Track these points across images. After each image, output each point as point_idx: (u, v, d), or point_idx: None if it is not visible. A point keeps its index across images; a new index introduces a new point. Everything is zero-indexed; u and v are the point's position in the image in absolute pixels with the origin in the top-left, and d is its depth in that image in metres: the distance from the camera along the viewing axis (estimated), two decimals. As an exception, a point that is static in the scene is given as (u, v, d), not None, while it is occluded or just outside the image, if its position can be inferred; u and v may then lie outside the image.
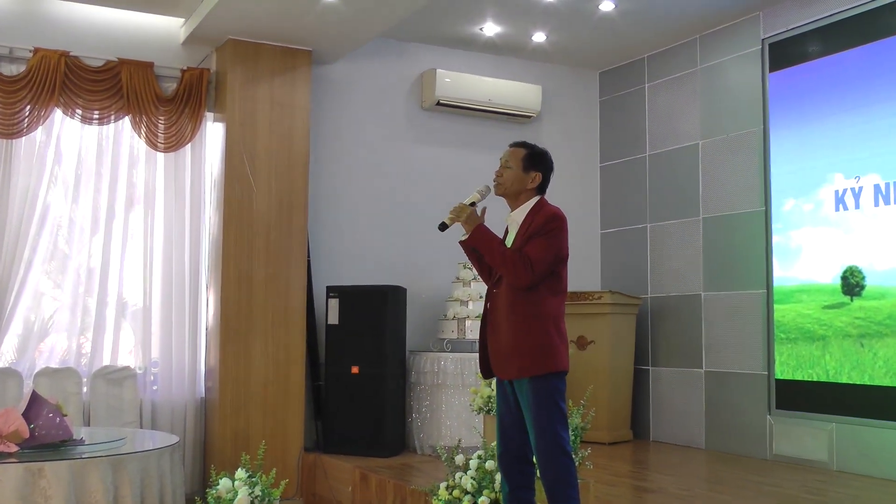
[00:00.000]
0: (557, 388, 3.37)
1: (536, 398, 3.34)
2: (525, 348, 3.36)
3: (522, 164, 3.52)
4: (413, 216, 6.77)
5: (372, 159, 6.72)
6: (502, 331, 3.42)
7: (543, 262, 3.36)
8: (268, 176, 5.94)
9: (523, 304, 3.38)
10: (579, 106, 7.54)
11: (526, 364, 3.35)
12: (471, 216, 3.47)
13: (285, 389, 5.86)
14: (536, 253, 3.36)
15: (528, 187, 3.52)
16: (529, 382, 3.35)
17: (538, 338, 3.36)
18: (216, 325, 5.84)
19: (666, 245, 6.89)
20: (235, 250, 5.83)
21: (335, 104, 6.60)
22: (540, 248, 3.37)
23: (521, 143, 3.60)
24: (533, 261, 3.34)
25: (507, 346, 3.40)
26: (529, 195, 3.53)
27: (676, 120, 6.87)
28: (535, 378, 3.34)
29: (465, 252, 3.64)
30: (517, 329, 3.38)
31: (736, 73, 6.41)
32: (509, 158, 3.54)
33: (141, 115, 5.82)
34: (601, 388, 6.30)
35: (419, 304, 6.60)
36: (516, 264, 3.36)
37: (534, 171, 3.53)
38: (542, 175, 3.54)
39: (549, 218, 3.42)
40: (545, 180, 3.56)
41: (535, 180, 3.53)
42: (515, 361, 3.37)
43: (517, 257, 3.36)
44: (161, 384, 5.84)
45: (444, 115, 6.95)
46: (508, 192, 3.53)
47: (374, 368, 5.93)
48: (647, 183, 7.12)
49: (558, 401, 3.36)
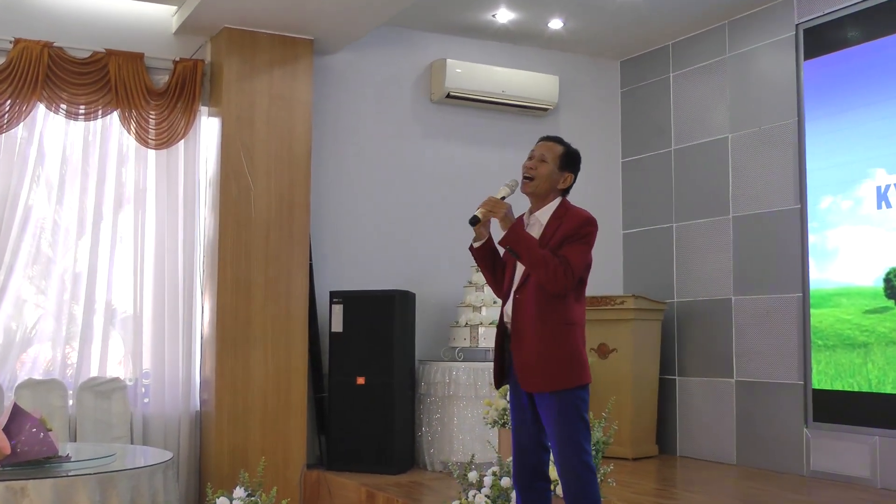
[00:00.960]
0: (583, 399, 3.40)
1: (562, 411, 3.35)
2: (555, 359, 3.37)
3: (559, 161, 3.53)
4: (422, 216, 6.78)
5: (378, 156, 6.72)
6: (528, 340, 3.42)
7: (580, 267, 3.40)
8: (267, 174, 5.95)
9: (552, 311, 3.40)
10: (599, 97, 7.54)
11: (555, 376, 3.36)
12: (508, 212, 3.46)
13: (286, 402, 5.87)
14: (575, 258, 3.38)
15: (559, 187, 3.54)
16: (554, 395, 3.36)
17: (568, 347, 3.39)
18: (212, 333, 5.84)
19: (693, 246, 6.87)
20: (232, 253, 5.84)
21: (338, 97, 6.60)
22: (577, 253, 3.39)
23: (557, 139, 3.60)
24: (572, 266, 3.37)
25: (535, 356, 3.40)
26: (555, 195, 3.55)
27: (704, 112, 6.86)
28: (561, 391, 3.36)
29: (474, 258, 3.64)
30: (546, 338, 3.39)
31: (768, 60, 6.39)
32: (545, 153, 3.54)
33: (130, 109, 5.81)
34: (624, 400, 6.30)
35: (429, 311, 6.62)
36: (557, 268, 3.36)
37: (568, 171, 3.55)
38: (573, 178, 3.58)
39: (585, 222, 3.45)
40: (573, 182, 3.60)
41: (566, 182, 3.55)
42: (544, 373, 3.38)
43: (558, 261, 3.37)
44: (153, 396, 5.83)
45: (455, 108, 6.95)
46: (539, 189, 3.53)
47: (380, 379, 5.94)
48: (673, 179, 7.10)
49: (583, 413, 3.39)
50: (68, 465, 4.08)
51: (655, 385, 6.71)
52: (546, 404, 3.39)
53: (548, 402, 3.38)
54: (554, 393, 3.36)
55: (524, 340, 3.43)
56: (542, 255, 3.37)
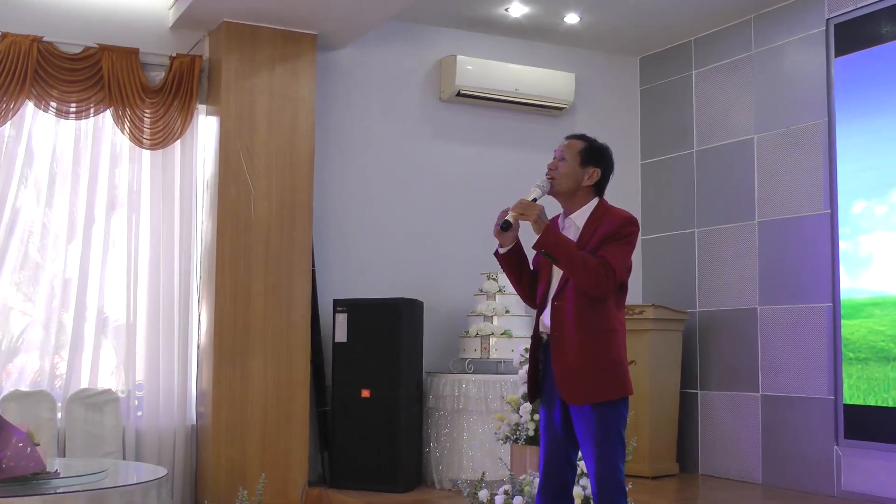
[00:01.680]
0: (622, 414, 3.40)
1: (602, 426, 3.34)
2: (598, 369, 3.37)
3: (579, 157, 3.53)
4: (430, 220, 6.76)
5: (384, 157, 6.72)
6: (570, 349, 3.39)
7: (622, 269, 3.39)
8: (267, 176, 5.96)
9: (594, 317, 3.39)
10: (617, 96, 7.53)
11: (598, 387, 3.35)
12: (541, 214, 3.44)
13: (287, 415, 5.87)
14: (617, 259, 3.36)
15: (585, 184, 3.53)
16: (595, 408, 3.35)
17: (610, 356, 3.39)
18: (209, 343, 5.84)
19: (716, 252, 6.86)
20: (231, 259, 5.83)
21: (343, 95, 6.60)
22: (620, 254, 3.38)
23: (580, 136, 3.62)
24: (613, 268, 3.34)
25: (578, 366, 3.37)
26: (587, 195, 3.54)
27: (728, 111, 6.84)
28: (603, 404, 3.35)
29: (500, 264, 3.62)
30: (588, 346, 3.38)
31: (797, 57, 6.37)
32: (565, 151, 3.56)
33: (124, 107, 5.80)
34: (643, 415, 6.26)
35: (437, 320, 6.61)
36: (598, 270, 3.33)
37: (591, 166, 3.53)
38: (600, 172, 3.55)
39: (626, 221, 3.44)
40: (604, 178, 3.57)
41: (592, 177, 3.53)
42: (588, 383, 3.36)
43: (598, 263, 3.34)
44: (147, 409, 5.82)
45: (465, 107, 6.94)
46: (562, 187, 3.53)
47: (386, 392, 5.94)
48: (695, 182, 7.09)
49: (621, 429, 3.39)
50: (57, 481, 4.05)
51: (676, 399, 6.69)
52: (584, 417, 3.37)
53: (587, 415, 3.36)
54: (596, 405, 3.34)
55: (565, 349, 3.40)
56: (581, 256, 3.35)
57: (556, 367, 3.43)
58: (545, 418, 3.52)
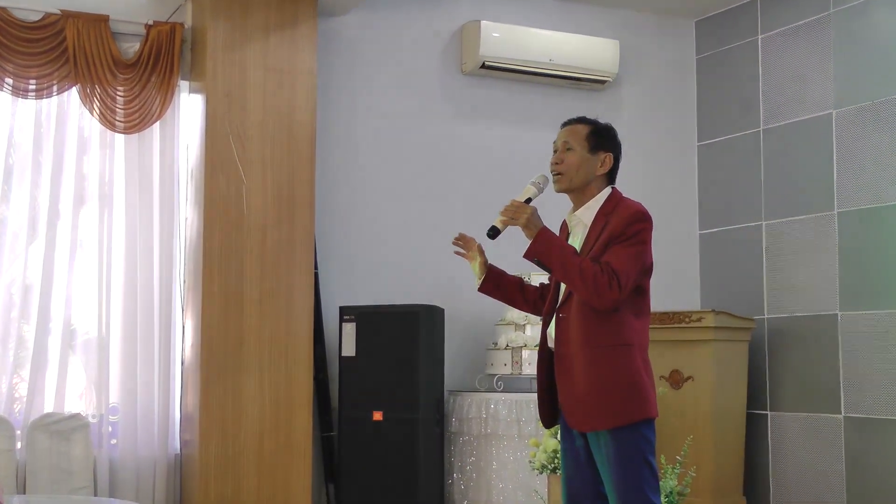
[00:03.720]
0: (647, 439, 3.40)
1: (621, 454, 3.36)
2: (609, 389, 3.38)
3: (588, 143, 3.56)
4: (451, 214, 6.70)
5: (398, 141, 6.72)
6: (576, 367, 3.43)
7: (630, 275, 3.37)
8: (262, 164, 5.92)
9: (603, 330, 3.40)
10: (669, 66, 7.53)
11: (610, 409, 3.37)
12: (532, 217, 3.46)
13: (287, 443, 5.83)
14: (621, 263, 3.36)
15: (598, 173, 3.56)
16: (611, 434, 3.38)
17: (624, 375, 3.39)
18: (195, 359, 5.79)
19: (788, 249, 6.83)
20: (220, 261, 5.78)
21: (349, 69, 6.58)
22: (624, 257, 3.38)
23: (578, 119, 3.65)
24: (618, 273, 3.34)
25: (584, 386, 3.41)
26: (599, 185, 3.57)
27: (801, 82, 6.80)
28: (620, 428, 3.37)
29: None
30: (597, 364, 3.40)
31: (884, 17, 6.31)
32: (568, 139, 3.58)
33: (93, 84, 5.76)
34: (704, 441, 6.20)
35: (461, 330, 6.63)
36: (598, 278, 3.33)
37: (602, 151, 3.57)
38: (612, 156, 3.59)
39: (633, 217, 3.43)
40: (616, 164, 3.61)
41: (605, 163, 3.56)
42: (596, 407, 3.39)
43: (598, 269, 3.34)
44: (122, 437, 5.81)
45: (491, 82, 6.94)
46: (574, 183, 3.55)
47: (402, 414, 5.93)
48: (762, 167, 7.02)
49: (648, 456, 3.39)
50: (14, 525, 4.04)
51: (742, 421, 6.64)
52: (601, 445, 3.40)
53: (604, 442, 3.39)
54: (611, 431, 3.36)
55: (571, 368, 3.45)
56: (578, 263, 3.37)
57: (560, 389, 3.48)
58: (566, 444, 3.56)
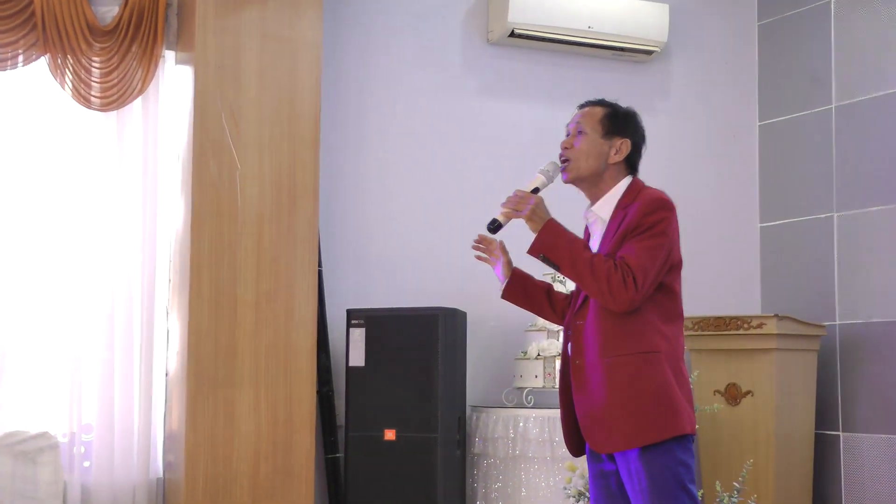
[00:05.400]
0: (682, 461, 3.39)
1: (652, 480, 3.36)
2: (632, 402, 3.39)
3: (601, 127, 3.60)
4: (474, 205, 6.52)
5: (414, 120, 6.69)
6: (593, 380, 3.46)
7: (649, 271, 3.37)
8: (259, 147, 5.83)
9: (624, 337, 3.42)
10: (727, 34, 7.50)
11: (634, 426, 3.38)
12: (538, 207, 3.51)
13: (286, 466, 5.74)
14: (637, 258, 3.37)
15: (612, 161, 3.59)
16: (641, 456, 3.38)
17: (650, 385, 3.39)
18: (182, 370, 5.70)
19: (864, 245, 6.79)
20: (211, 258, 5.69)
21: (359, 38, 6.57)
22: (641, 250, 3.39)
23: (597, 101, 3.71)
24: (634, 270, 3.34)
25: (603, 401, 3.42)
26: (615, 175, 3.61)
27: (880, 53, 6.74)
28: (649, 449, 3.37)
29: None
30: (617, 375, 3.41)
31: None
32: (581, 121, 3.64)
33: (64, 54, 5.70)
34: (766, 465, 6.18)
35: (486, 336, 6.61)
36: (611, 276, 3.34)
37: (618, 136, 3.60)
38: (630, 143, 3.61)
39: (650, 206, 3.45)
40: (636, 152, 3.64)
41: (620, 150, 3.59)
42: (618, 423, 3.40)
43: (612, 265, 3.36)
44: (97, 459, 5.74)
45: (522, 52, 6.90)
46: (583, 171, 3.60)
47: (418, 433, 5.86)
48: (834, 150, 6.96)
49: (684, 480, 3.39)
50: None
51: (810, 443, 6.58)
52: (629, 469, 3.40)
53: (632, 464, 3.40)
54: (642, 452, 3.36)
55: (587, 381, 3.47)
56: (589, 258, 3.39)
57: (577, 406, 3.50)
58: (593, 468, 3.56)
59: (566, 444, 3.63)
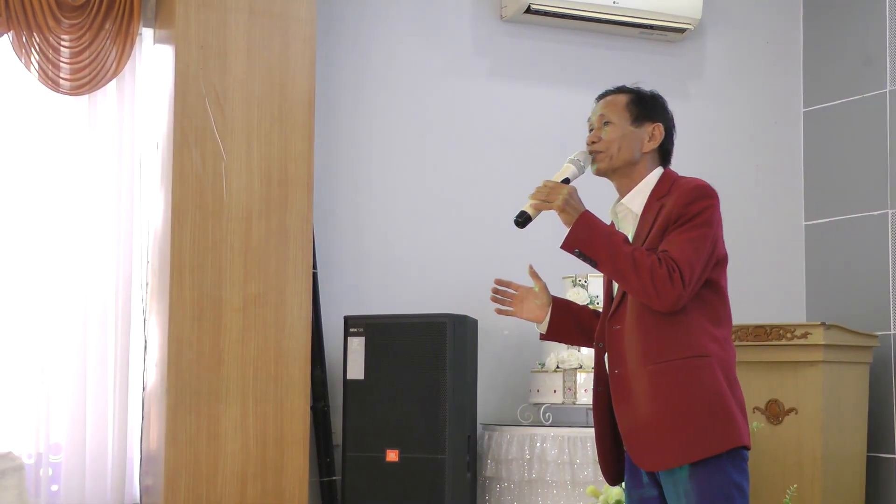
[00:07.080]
0: (736, 483, 3.39)
1: (702, 496, 3.36)
2: (681, 413, 3.39)
3: (629, 113, 3.63)
4: (485, 199, 6.68)
5: (418, 106, 6.70)
6: (637, 390, 3.45)
7: (695, 265, 3.37)
8: (247, 135, 5.81)
9: (668, 340, 3.41)
10: (768, 10, 7.49)
11: (685, 439, 3.37)
12: (570, 198, 3.50)
13: (277, 489, 5.71)
14: (682, 251, 3.36)
15: (647, 149, 3.62)
16: (690, 472, 3.37)
17: (700, 393, 3.39)
18: (161, 383, 5.68)
19: None
20: (193, 259, 5.67)
21: (358, 14, 6.57)
22: (685, 242, 3.38)
23: (617, 88, 3.72)
24: (679, 264, 3.34)
25: (648, 413, 3.41)
26: (649, 165, 3.63)
27: None
28: (701, 467, 3.36)
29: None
30: (664, 383, 3.41)
31: None
32: (605, 111, 3.65)
33: (30, 31, 5.70)
34: (811, 490, 6.15)
35: (498, 346, 6.60)
36: (655, 271, 3.33)
37: (649, 121, 3.63)
38: (663, 127, 3.64)
39: (692, 194, 3.45)
40: (668, 139, 3.66)
41: (654, 136, 3.62)
42: (666, 438, 3.39)
43: (655, 260, 3.35)
44: (66, 482, 5.75)
45: (539, 30, 6.91)
46: (616, 161, 3.60)
47: (423, 454, 5.84)
48: (888, 139, 6.90)
49: (737, 498, 3.39)
50: None
51: (861, 467, 6.53)
52: (677, 487, 3.39)
53: (680, 483, 3.38)
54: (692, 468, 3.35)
55: (630, 392, 3.46)
56: (630, 252, 3.37)
57: (619, 419, 3.50)
58: (631, 491, 3.56)
59: (602, 469, 3.62)
